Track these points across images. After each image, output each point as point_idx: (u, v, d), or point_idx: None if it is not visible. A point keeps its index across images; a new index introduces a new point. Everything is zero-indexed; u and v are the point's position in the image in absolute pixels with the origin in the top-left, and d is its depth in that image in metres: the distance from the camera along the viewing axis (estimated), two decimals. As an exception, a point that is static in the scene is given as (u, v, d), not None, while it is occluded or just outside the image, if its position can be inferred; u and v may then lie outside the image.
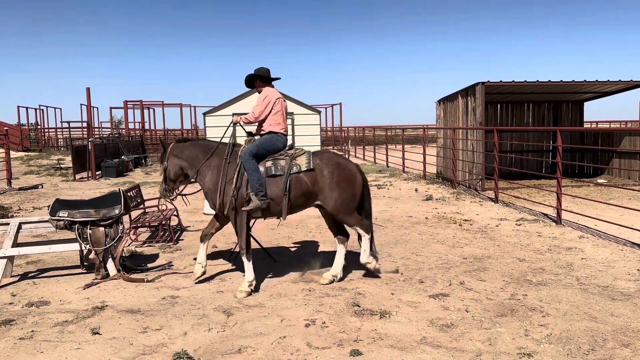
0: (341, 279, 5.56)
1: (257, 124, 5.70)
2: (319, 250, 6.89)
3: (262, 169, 5.34)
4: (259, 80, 5.73)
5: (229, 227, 7.72)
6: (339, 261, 5.60)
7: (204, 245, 5.59)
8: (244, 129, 5.83)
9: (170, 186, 5.68)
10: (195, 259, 5.75)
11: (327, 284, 5.41)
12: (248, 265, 5.25)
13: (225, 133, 5.76)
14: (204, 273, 5.55)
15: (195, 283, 5.52)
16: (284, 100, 5.74)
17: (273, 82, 5.81)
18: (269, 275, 5.78)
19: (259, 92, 5.71)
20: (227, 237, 7.65)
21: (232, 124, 5.79)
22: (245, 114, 5.80)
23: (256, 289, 5.26)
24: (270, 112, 5.57)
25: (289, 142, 5.82)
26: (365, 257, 5.53)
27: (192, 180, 5.66)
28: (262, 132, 5.65)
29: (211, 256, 6.70)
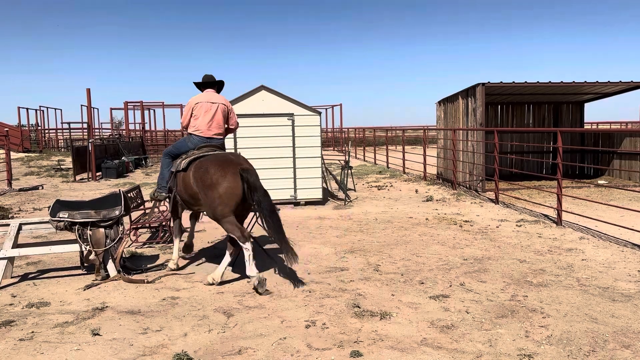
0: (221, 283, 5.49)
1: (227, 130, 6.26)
2: (318, 252, 6.88)
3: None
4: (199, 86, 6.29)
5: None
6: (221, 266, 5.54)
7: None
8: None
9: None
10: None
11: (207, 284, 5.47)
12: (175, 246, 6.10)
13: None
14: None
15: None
16: (211, 103, 6.00)
17: (219, 86, 6.27)
18: (269, 277, 5.77)
19: None
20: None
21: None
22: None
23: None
24: (191, 116, 6.01)
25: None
26: (248, 270, 5.24)
27: None
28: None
29: (210, 258, 6.70)
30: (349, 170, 12.62)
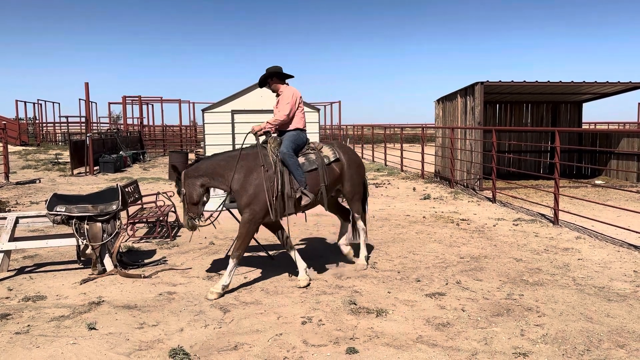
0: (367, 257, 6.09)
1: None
2: (315, 248, 6.89)
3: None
4: (275, 78, 5.69)
5: (228, 224, 7.72)
6: (362, 238, 6.11)
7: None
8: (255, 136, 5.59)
9: (194, 211, 5.29)
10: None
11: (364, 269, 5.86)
12: (232, 269, 5.10)
13: (244, 141, 5.54)
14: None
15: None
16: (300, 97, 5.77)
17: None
18: (266, 273, 5.78)
19: (276, 91, 5.71)
20: (225, 234, 7.65)
21: (262, 133, 5.51)
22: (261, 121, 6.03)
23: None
24: (297, 109, 5.63)
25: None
26: (363, 249, 6.05)
27: (224, 191, 5.48)
28: (289, 129, 5.62)
29: (208, 253, 6.70)
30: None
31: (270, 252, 6.53)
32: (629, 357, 3.69)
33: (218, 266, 6.03)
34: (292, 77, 5.79)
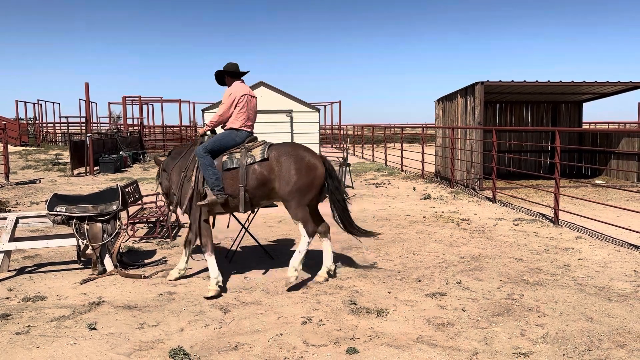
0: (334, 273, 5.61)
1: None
2: (315, 249, 6.88)
3: (217, 163, 5.32)
4: (227, 76, 5.73)
5: (228, 224, 7.72)
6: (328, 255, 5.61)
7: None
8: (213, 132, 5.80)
9: (168, 199, 5.70)
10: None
11: (323, 281, 5.42)
12: (210, 262, 5.17)
13: (197, 140, 5.80)
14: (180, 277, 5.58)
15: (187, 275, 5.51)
16: (253, 97, 5.79)
17: (243, 77, 5.85)
18: (266, 273, 5.77)
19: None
20: (224, 234, 7.65)
21: (202, 136, 5.76)
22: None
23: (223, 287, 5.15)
24: (235, 108, 5.58)
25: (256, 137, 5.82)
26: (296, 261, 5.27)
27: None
28: (225, 129, 5.68)
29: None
30: (347, 168, 12.63)
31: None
32: (629, 357, 3.69)
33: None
34: (244, 73, 5.77)
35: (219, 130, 5.82)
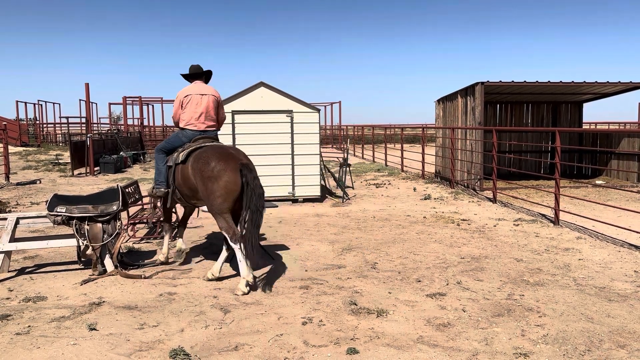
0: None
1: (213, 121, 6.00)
2: (316, 249, 6.89)
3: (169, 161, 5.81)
4: (186, 79, 6.10)
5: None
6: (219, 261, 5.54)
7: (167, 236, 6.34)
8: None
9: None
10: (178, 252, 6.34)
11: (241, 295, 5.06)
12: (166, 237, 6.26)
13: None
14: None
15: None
16: (202, 95, 5.83)
17: (207, 76, 6.10)
18: (267, 273, 5.77)
19: None
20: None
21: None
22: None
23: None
24: (182, 109, 5.86)
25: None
26: (242, 270, 5.14)
27: None
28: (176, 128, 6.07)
29: (208, 254, 6.70)
30: (347, 168, 12.63)
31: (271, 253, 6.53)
32: (629, 357, 3.69)
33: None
34: (196, 74, 6.01)
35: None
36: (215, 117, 5.94)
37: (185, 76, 6.06)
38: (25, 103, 32.96)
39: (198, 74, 5.98)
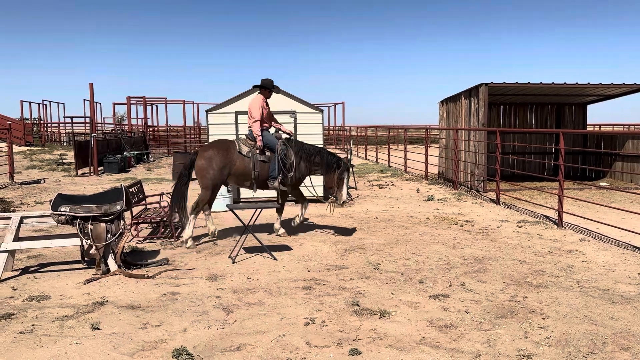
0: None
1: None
2: (319, 249, 6.89)
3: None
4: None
5: (232, 225, 7.77)
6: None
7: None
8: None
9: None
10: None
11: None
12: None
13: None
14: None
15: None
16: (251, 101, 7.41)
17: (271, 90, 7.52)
18: (269, 274, 5.78)
19: None
20: (227, 234, 7.66)
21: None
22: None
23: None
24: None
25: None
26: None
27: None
28: None
29: (211, 254, 6.71)
30: (351, 169, 12.60)
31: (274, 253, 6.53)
32: (633, 359, 3.67)
33: (221, 266, 6.03)
34: (256, 87, 7.58)
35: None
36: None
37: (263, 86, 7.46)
38: (30, 103, 33.10)
39: (255, 87, 7.68)
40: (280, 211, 7.69)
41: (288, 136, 7.48)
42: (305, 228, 8.21)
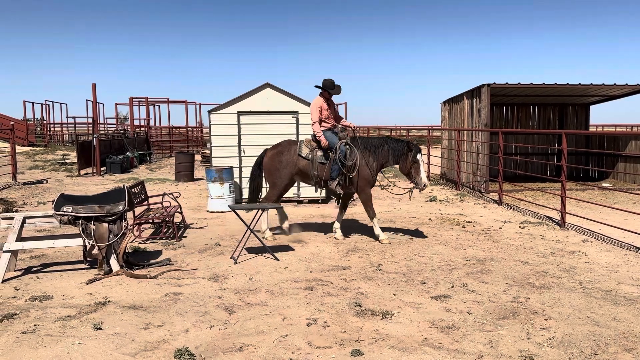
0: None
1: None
2: (321, 250, 6.88)
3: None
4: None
5: (234, 225, 7.76)
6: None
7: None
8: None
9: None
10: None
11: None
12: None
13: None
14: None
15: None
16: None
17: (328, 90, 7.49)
18: (271, 274, 5.78)
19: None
20: (230, 234, 7.66)
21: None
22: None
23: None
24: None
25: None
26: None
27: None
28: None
29: (214, 254, 6.71)
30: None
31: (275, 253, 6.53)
32: (636, 361, 3.66)
33: (223, 267, 6.04)
34: (320, 87, 7.52)
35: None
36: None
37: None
38: (33, 103, 33.15)
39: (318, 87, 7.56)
40: (342, 211, 7.73)
41: (353, 134, 7.44)
42: (307, 228, 8.20)
